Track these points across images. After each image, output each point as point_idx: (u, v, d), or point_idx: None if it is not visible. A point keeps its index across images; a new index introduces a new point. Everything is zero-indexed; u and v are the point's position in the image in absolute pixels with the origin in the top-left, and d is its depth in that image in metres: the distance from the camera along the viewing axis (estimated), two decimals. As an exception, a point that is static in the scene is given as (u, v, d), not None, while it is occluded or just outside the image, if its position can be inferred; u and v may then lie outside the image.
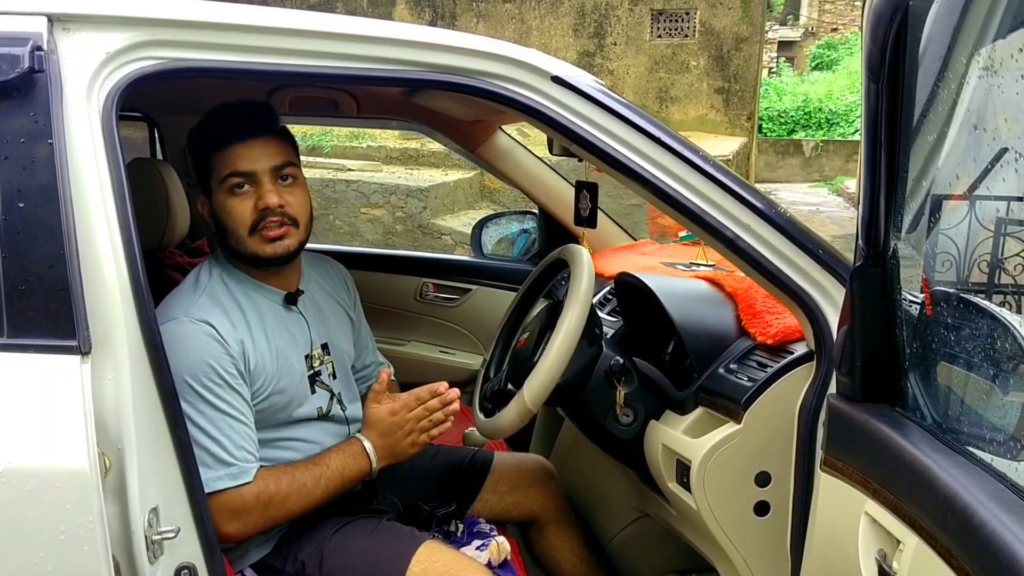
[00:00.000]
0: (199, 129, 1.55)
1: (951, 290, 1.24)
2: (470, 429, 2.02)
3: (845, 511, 1.21)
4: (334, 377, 1.65)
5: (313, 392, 1.59)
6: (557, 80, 1.41)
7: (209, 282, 1.51)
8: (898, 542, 1.06)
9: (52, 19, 1.20)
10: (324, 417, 1.60)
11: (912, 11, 0.99)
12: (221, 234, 1.53)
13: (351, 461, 1.52)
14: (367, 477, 1.54)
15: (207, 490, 1.36)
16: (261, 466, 1.46)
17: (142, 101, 2.32)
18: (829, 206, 12.47)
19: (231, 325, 1.46)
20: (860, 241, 1.19)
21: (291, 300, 1.59)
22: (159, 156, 2.50)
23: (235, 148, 1.48)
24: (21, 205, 1.13)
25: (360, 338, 1.82)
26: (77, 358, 1.11)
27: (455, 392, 1.55)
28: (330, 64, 1.34)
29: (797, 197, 13.17)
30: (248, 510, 1.42)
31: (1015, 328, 1.10)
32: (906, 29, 1.01)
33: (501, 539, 1.72)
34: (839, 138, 16.12)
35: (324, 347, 1.64)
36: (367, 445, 1.52)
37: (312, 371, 1.59)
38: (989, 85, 1.04)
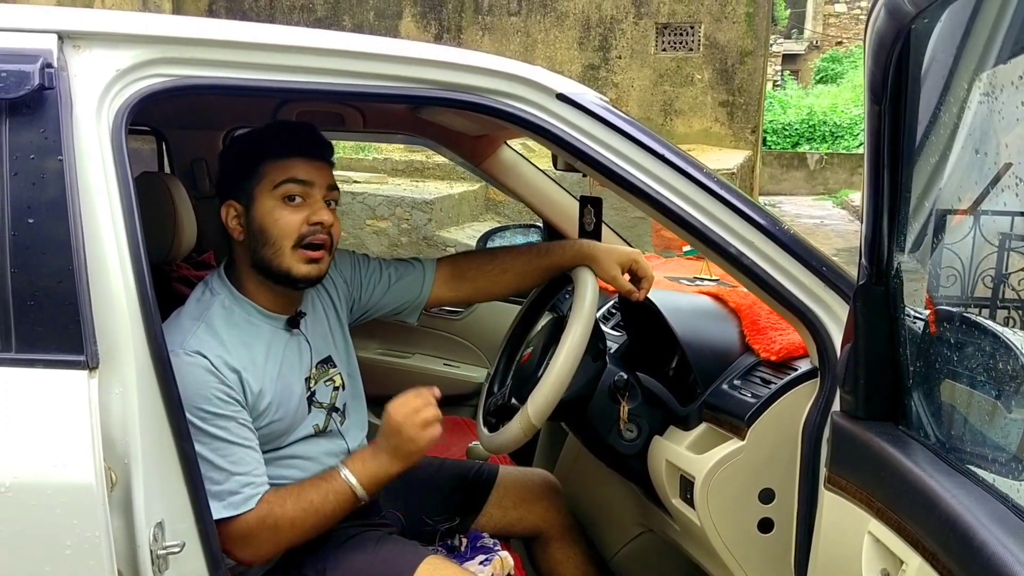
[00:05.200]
0: (256, 135, 1.55)
1: (954, 308, 1.25)
2: (474, 443, 2.02)
3: (849, 530, 1.20)
4: (340, 389, 1.65)
5: (310, 412, 1.58)
6: (562, 98, 1.42)
7: (208, 312, 1.48)
8: (901, 562, 1.06)
9: (62, 36, 1.21)
10: (321, 433, 1.60)
11: (914, 34, 1.00)
12: (254, 243, 1.49)
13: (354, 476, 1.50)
14: (368, 492, 1.50)
15: (213, 518, 1.36)
16: (270, 486, 1.45)
17: (150, 115, 2.34)
18: (833, 219, 12.47)
19: (229, 356, 1.44)
20: (863, 259, 1.20)
21: (293, 324, 1.58)
22: (167, 170, 2.51)
23: (297, 161, 1.49)
24: (31, 221, 1.14)
25: (382, 289, 1.77)
26: (85, 373, 1.12)
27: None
28: (336, 81, 1.35)
29: (801, 210, 13.17)
30: (254, 535, 1.41)
31: (1017, 347, 1.10)
32: (908, 52, 1.02)
33: (504, 554, 1.71)
34: (843, 151, 16.14)
35: (326, 361, 1.63)
36: (344, 473, 1.49)
37: (310, 391, 1.58)
38: (990, 109, 1.04)
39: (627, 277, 1.72)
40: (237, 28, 1.33)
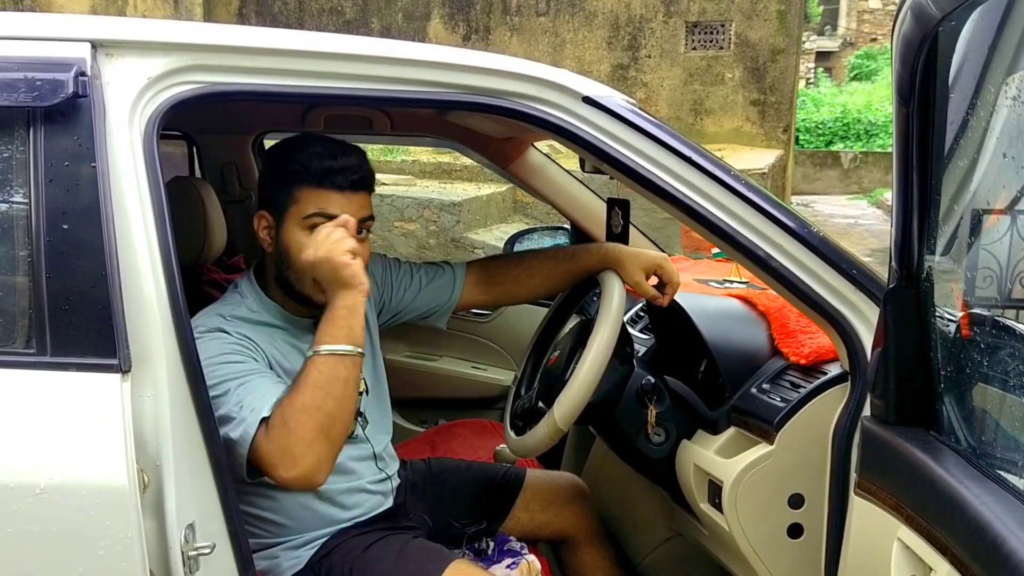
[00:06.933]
0: (298, 152, 1.48)
1: (985, 312, 1.23)
2: (501, 446, 2.03)
3: (878, 536, 1.19)
4: (364, 393, 1.65)
5: None
6: (588, 100, 1.42)
7: (236, 312, 1.50)
8: (930, 569, 1.04)
9: (95, 45, 1.23)
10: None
11: (942, 37, 0.98)
12: (279, 261, 1.49)
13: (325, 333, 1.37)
14: (349, 344, 1.37)
15: (247, 450, 1.31)
16: None
17: (182, 120, 2.37)
18: (868, 219, 12.32)
19: (254, 341, 1.46)
20: (893, 263, 1.19)
21: None
22: (197, 174, 2.55)
23: (333, 194, 1.45)
24: (65, 226, 1.16)
25: (413, 292, 1.75)
26: (117, 376, 1.14)
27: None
28: (363, 86, 1.36)
29: (835, 210, 13.03)
30: (278, 442, 1.30)
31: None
32: (936, 55, 1.01)
33: (532, 558, 1.72)
34: (878, 150, 15.92)
35: None
36: (316, 350, 1.35)
37: None
38: (1020, 113, 1.03)
39: (653, 282, 1.71)
40: (266, 35, 1.35)
